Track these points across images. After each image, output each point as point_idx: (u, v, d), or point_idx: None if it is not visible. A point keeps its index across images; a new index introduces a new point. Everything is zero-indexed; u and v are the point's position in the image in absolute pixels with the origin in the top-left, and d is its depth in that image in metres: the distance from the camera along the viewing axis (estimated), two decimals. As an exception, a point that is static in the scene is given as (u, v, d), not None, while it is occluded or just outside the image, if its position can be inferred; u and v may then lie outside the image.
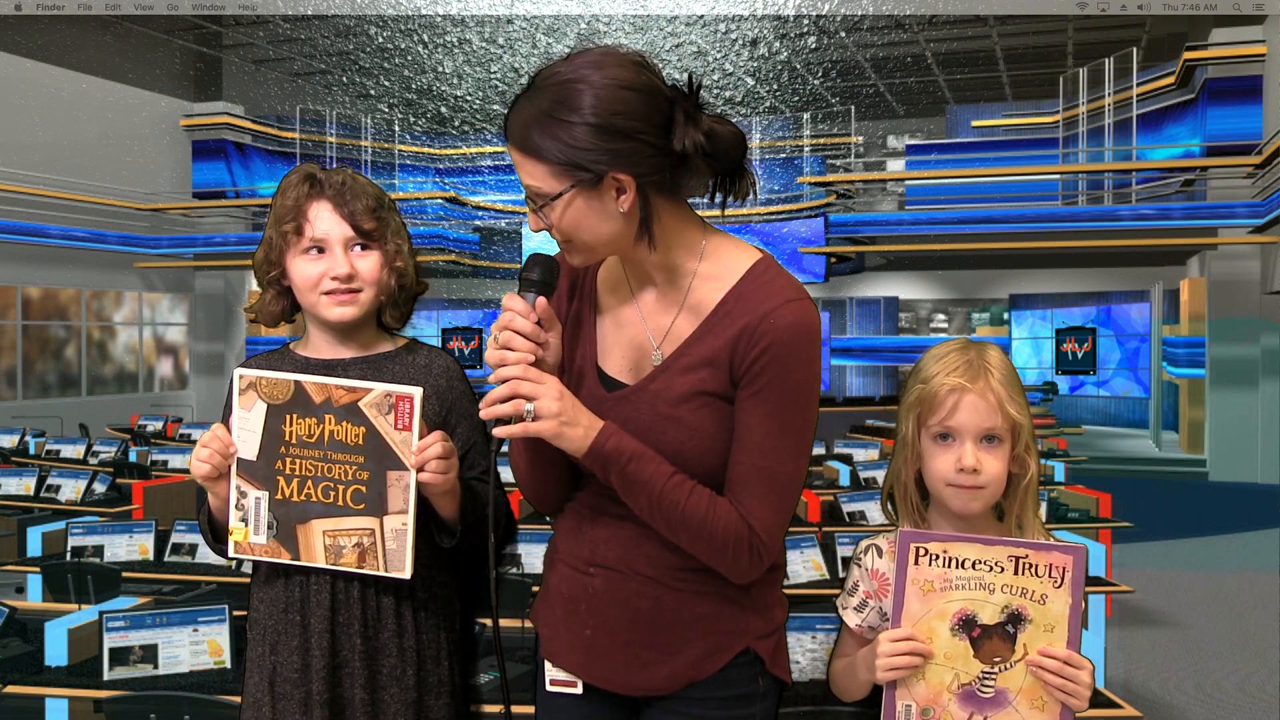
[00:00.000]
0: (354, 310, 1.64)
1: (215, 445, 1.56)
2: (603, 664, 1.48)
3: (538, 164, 1.35)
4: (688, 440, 1.40)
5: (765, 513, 1.39)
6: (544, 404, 1.34)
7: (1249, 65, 12.65)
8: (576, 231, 1.38)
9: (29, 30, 12.93)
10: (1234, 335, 12.73)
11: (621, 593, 1.45)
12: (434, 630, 1.66)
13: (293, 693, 1.61)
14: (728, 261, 1.44)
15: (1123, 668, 5.16)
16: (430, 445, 1.52)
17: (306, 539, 1.56)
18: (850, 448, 7.92)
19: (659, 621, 1.44)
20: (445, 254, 16.57)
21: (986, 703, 1.39)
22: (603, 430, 1.37)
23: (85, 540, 4.37)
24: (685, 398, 1.40)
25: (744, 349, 1.37)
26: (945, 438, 1.48)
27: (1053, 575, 1.37)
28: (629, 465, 1.37)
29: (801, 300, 1.39)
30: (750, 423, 1.38)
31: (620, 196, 1.36)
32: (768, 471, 1.39)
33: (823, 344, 1.47)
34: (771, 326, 1.36)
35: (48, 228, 14.10)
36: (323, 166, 1.69)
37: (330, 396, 1.54)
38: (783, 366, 1.37)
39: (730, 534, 1.38)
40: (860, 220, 15.76)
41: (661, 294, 1.46)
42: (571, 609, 1.50)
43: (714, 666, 1.45)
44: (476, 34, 14.31)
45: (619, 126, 1.33)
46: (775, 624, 1.50)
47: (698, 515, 1.37)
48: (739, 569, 1.41)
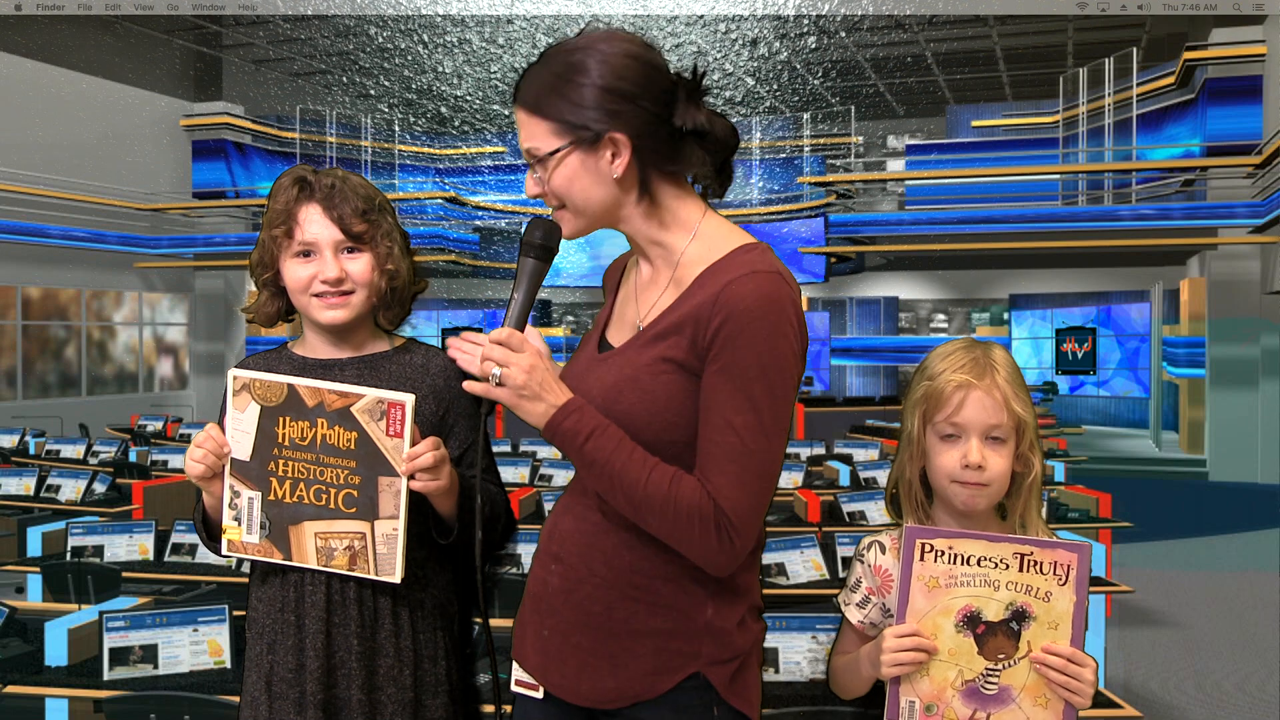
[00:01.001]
0: (345, 313, 1.64)
1: (209, 445, 1.57)
2: (556, 669, 1.46)
3: (540, 122, 1.41)
4: (638, 403, 1.38)
5: (733, 491, 1.33)
6: (511, 373, 1.38)
7: (1249, 65, 12.65)
8: (570, 192, 1.42)
9: (29, 30, 12.93)
10: (1234, 335, 12.73)
11: (576, 594, 1.43)
12: (431, 630, 1.66)
13: (288, 692, 1.60)
14: (718, 241, 1.44)
15: (1123, 668, 5.16)
16: (420, 455, 1.51)
17: (298, 540, 1.56)
18: (850, 448, 7.93)
19: (608, 629, 1.41)
20: (445, 254, 16.57)
21: (990, 699, 1.39)
22: (563, 408, 1.37)
23: (85, 540, 4.37)
24: (648, 364, 1.39)
25: (705, 319, 1.35)
26: (951, 435, 1.48)
27: (1057, 573, 1.37)
28: (586, 444, 1.36)
29: (770, 273, 1.36)
30: (715, 399, 1.35)
31: (615, 160, 1.40)
32: (734, 449, 1.34)
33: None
34: (731, 295, 1.34)
35: (48, 228, 14.10)
36: (318, 167, 1.69)
37: (323, 401, 1.54)
38: (745, 338, 1.33)
39: (694, 511, 1.33)
40: (860, 220, 15.78)
41: (655, 271, 1.49)
42: (535, 606, 1.50)
43: (662, 687, 1.39)
44: (476, 34, 14.31)
45: (622, 89, 1.39)
46: (735, 651, 1.41)
47: (660, 493, 1.34)
48: (709, 550, 1.34)
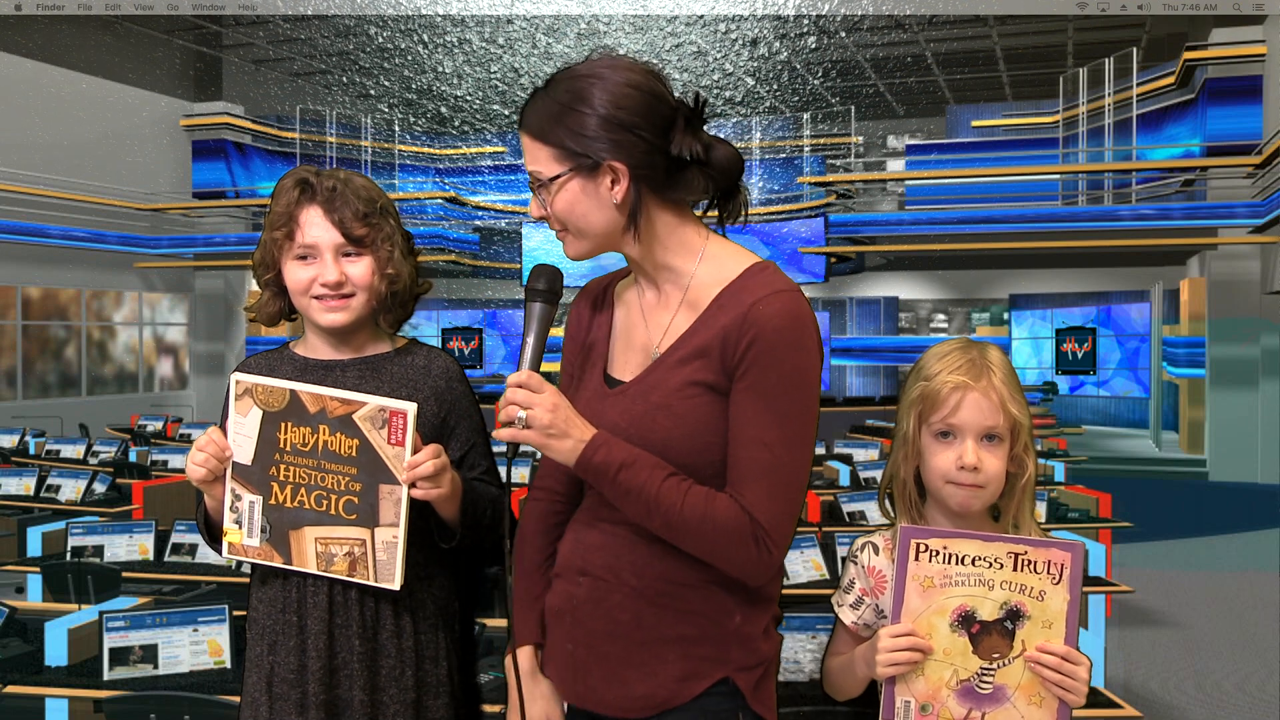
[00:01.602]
0: (345, 316, 1.64)
1: (210, 449, 1.57)
2: (582, 680, 1.47)
3: (543, 148, 1.44)
4: (676, 428, 1.40)
5: (768, 503, 1.38)
6: (536, 414, 1.38)
7: (1249, 65, 12.65)
8: (571, 216, 1.45)
9: (29, 30, 12.94)
10: (1234, 335, 12.73)
11: (604, 604, 1.44)
12: (433, 631, 1.66)
13: (289, 693, 1.61)
14: (727, 263, 1.47)
15: (1123, 668, 5.16)
16: (421, 463, 1.51)
17: (299, 545, 1.56)
18: (850, 448, 7.94)
19: (637, 637, 1.43)
20: (445, 254, 16.56)
21: (985, 698, 1.39)
22: (591, 442, 1.38)
23: (85, 540, 4.37)
24: (678, 388, 1.42)
25: (734, 339, 1.39)
26: (947, 435, 1.48)
27: (1051, 572, 1.37)
28: (619, 474, 1.38)
29: (792, 292, 1.42)
30: (746, 415, 1.39)
31: (614, 186, 1.42)
32: (767, 463, 1.38)
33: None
34: (759, 315, 1.39)
35: (48, 228, 14.10)
36: (320, 168, 1.68)
37: (325, 407, 1.53)
38: (774, 355, 1.38)
39: (732, 528, 1.37)
40: (860, 220, 15.77)
41: (663, 295, 1.50)
42: (558, 622, 1.50)
43: (690, 693, 1.41)
44: (476, 34, 14.31)
45: (621, 119, 1.41)
46: (760, 658, 1.45)
47: (696, 514, 1.37)
48: (748, 562, 1.39)
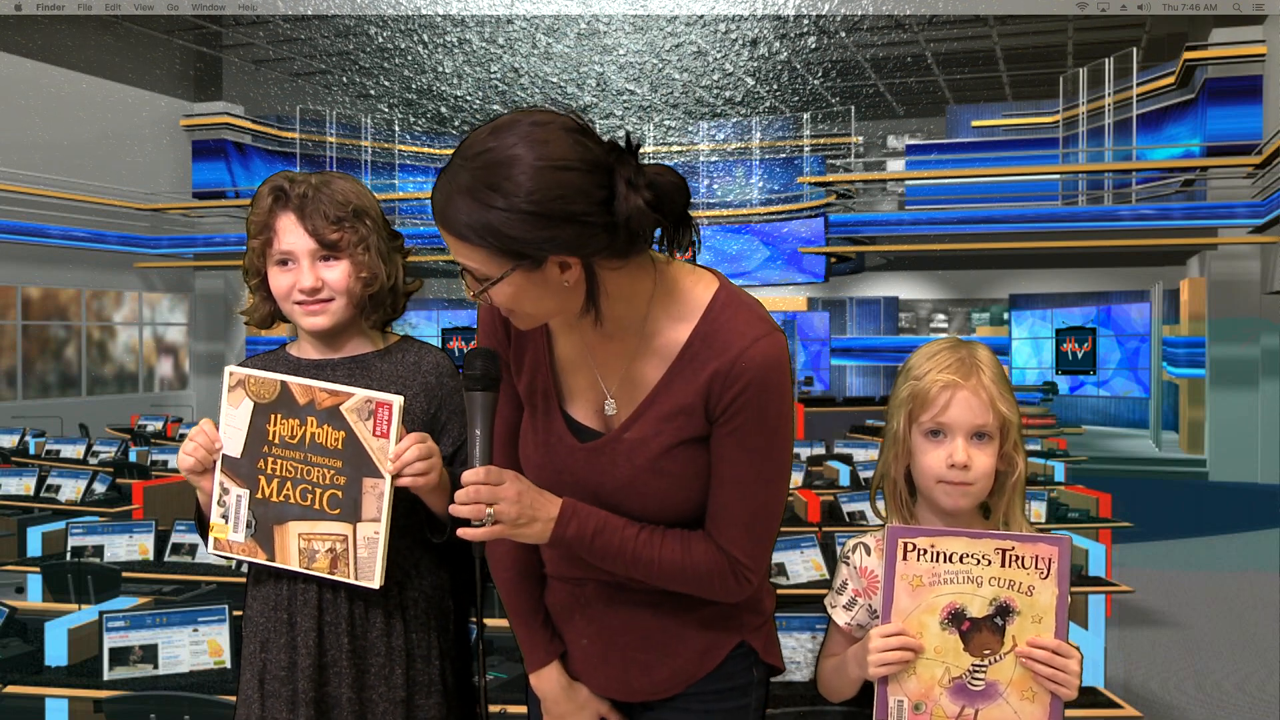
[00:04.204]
0: (325, 320, 1.65)
1: (201, 440, 1.58)
2: (600, 672, 1.49)
3: (473, 249, 1.27)
4: (671, 488, 1.41)
5: (746, 542, 1.41)
6: (503, 509, 1.33)
7: (1249, 65, 12.65)
8: (518, 305, 1.32)
9: (29, 30, 12.95)
10: (1234, 335, 12.73)
11: (616, 600, 1.46)
12: (424, 630, 1.66)
13: (280, 690, 1.62)
14: (685, 300, 1.40)
15: (1123, 668, 5.16)
16: (405, 450, 1.50)
17: (282, 540, 1.56)
18: (850, 448, 7.93)
19: (658, 622, 1.45)
20: (445, 254, 16.51)
21: (977, 695, 1.40)
22: (560, 519, 1.37)
23: (85, 540, 4.37)
24: (666, 450, 1.40)
25: (719, 391, 1.37)
26: (937, 434, 1.49)
27: (1039, 567, 1.38)
28: (594, 542, 1.39)
29: (770, 334, 1.38)
30: (729, 457, 1.39)
31: (565, 272, 1.29)
32: (749, 503, 1.40)
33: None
34: (746, 367, 1.36)
35: (48, 228, 14.11)
36: (312, 169, 1.70)
37: (314, 399, 1.54)
38: (760, 404, 1.37)
39: (711, 569, 1.41)
40: (860, 220, 15.77)
41: (615, 337, 1.41)
42: (566, 620, 1.51)
43: (713, 662, 1.46)
44: (476, 34, 14.32)
45: (559, 211, 1.23)
46: (765, 615, 1.52)
47: (675, 564, 1.40)
48: (730, 593, 1.43)
